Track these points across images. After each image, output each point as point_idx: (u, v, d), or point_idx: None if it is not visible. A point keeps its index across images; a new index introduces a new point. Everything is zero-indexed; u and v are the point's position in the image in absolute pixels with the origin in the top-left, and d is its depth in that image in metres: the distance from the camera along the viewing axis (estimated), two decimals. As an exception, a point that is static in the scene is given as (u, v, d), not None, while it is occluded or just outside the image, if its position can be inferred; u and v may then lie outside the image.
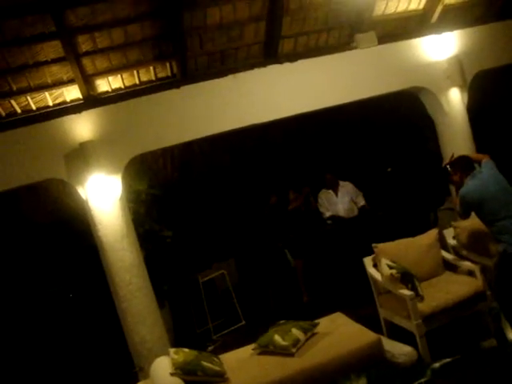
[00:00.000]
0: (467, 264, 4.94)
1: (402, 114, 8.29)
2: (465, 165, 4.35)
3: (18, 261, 7.04)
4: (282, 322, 4.57)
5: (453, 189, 5.04)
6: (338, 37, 6.52)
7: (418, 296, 4.56)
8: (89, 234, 5.55)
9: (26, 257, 7.10)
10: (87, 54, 5.42)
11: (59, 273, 7.18)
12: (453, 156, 4.62)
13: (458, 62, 6.55)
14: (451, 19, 6.74)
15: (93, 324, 6.61)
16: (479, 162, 4.38)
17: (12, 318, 6.67)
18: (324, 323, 4.53)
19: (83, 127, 5.40)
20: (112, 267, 5.42)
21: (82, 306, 6.98)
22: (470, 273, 4.87)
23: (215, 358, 4.24)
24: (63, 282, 7.19)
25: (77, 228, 6.27)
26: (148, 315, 5.50)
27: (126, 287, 5.43)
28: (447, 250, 5.33)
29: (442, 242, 5.35)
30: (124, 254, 5.40)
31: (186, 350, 4.21)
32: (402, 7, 6.58)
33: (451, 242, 5.36)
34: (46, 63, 5.32)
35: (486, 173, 4.23)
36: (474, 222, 4.73)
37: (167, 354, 4.25)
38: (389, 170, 8.76)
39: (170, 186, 7.58)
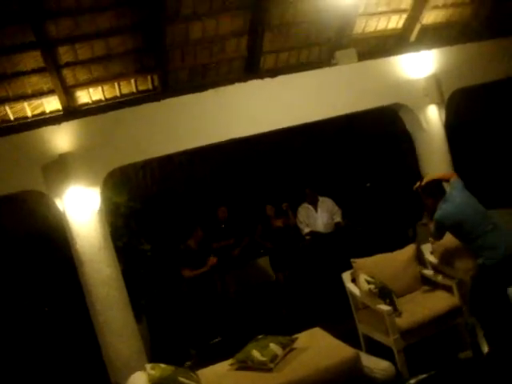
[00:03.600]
0: (444, 279, 4.99)
1: (381, 130, 8.40)
2: (435, 189, 4.39)
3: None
4: (260, 336, 4.53)
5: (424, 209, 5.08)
6: (318, 53, 6.63)
7: (396, 311, 4.58)
8: (66, 246, 5.46)
9: (2, 269, 6.96)
10: (68, 65, 5.42)
11: (35, 285, 7.04)
12: (422, 180, 4.62)
13: (436, 80, 6.67)
14: (429, 38, 6.91)
15: (68, 338, 6.49)
16: (447, 181, 4.45)
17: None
18: (302, 338, 4.51)
19: (62, 138, 5.33)
20: (89, 280, 5.34)
21: (57, 319, 6.85)
22: (447, 288, 4.91)
23: (192, 374, 4.18)
24: (39, 295, 7.05)
25: (54, 240, 6.17)
26: (125, 329, 5.42)
27: (103, 300, 5.34)
28: (425, 265, 5.37)
29: (420, 257, 5.39)
30: (101, 267, 5.32)
31: (163, 365, 4.15)
32: (381, 26, 6.72)
33: (429, 257, 5.40)
34: (26, 73, 5.30)
35: (458, 194, 4.28)
36: (450, 237, 4.78)
37: (144, 369, 4.18)
38: (368, 185, 8.84)
39: (149, 198, 7.53)
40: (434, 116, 6.76)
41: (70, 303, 6.52)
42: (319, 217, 7.17)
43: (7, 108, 5.44)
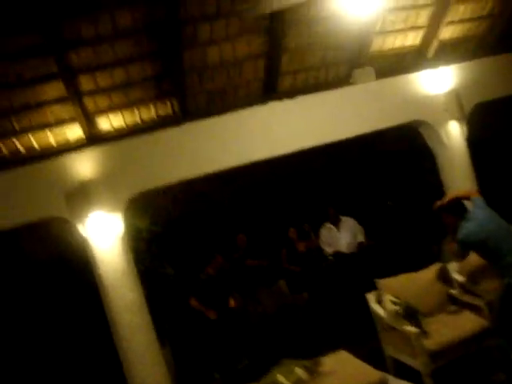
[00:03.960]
0: (472, 298, 4.87)
1: (402, 147, 8.33)
2: (456, 207, 4.31)
3: (19, 299, 6.97)
4: (284, 360, 4.48)
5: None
6: (336, 73, 6.62)
7: (423, 333, 4.48)
8: (89, 272, 5.51)
9: (26, 295, 7.03)
10: (89, 93, 5.51)
11: (59, 311, 7.10)
12: (442, 199, 4.55)
13: (456, 95, 6.62)
14: (447, 54, 6.86)
15: (93, 363, 6.49)
16: (469, 198, 4.37)
17: (12, 356, 6.57)
18: (327, 361, 4.43)
19: (85, 165, 5.42)
20: (112, 306, 5.36)
21: (81, 344, 6.87)
22: (476, 307, 4.79)
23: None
24: (63, 321, 7.10)
25: (77, 266, 6.23)
26: (149, 354, 5.42)
27: (127, 326, 5.36)
28: (451, 284, 5.26)
29: (446, 276, 5.29)
30: (124, 293, 5.35)
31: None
32: (398, 43, 6.71)
33: (455, 275, 5.29)
34: (49, 103, 5.40)
35: (480, 212, 4.20)
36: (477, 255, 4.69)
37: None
38: (389, 203, 8.74)
39: (171, 222, 7.56)
40: (455, 131, 6.70)
41: (94, 329, 6.55)
42: (342, 237, 7.11)
43: (31, 137, 5.54)
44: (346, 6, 4.83)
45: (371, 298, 5.09)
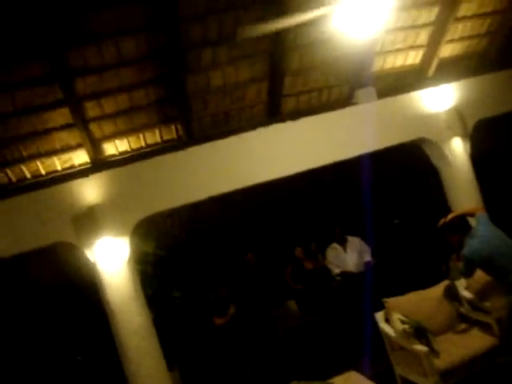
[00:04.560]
0: (482, 316, 4.83)
1: (407, 165, 8.35)
2: (460, 225, 4.30)
3: (27, 324, 6.97)
4: (294, 382, 4.43)
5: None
6: (338, 93, 6.70)
7: (434, 351, 4.44)
8: (97, 296, 5.51)
9: (34, 320, 7.03)
10: (94, 119, 5.60)
11: (68, 335, 7.08)
12: (446, 217, 4.53)
13: (458, 112, 6.66)
14: (447, 72, 6.92)
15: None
16: (472, 215, 4.36)
17: (21, 381, 6.54)
18: (338, 382, 4.39)
19: (91, 190, 5.46)
20: (120, 330, 5.35)
21: (90, 369, 6.84)
22: (486, 325, 4.74)
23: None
24: (71, 345, 7.08)
25: (85, 291, 6.23)
26: (157, 378, 5.39)
27: (135, 350, 5.34)
28: (460, 302, 5.22)
29: (455, 294, 5.25)
30: (132, 317, 5.34)
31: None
32: (399, 62, 6.79)
33: (464, 293, 5.25)
34: (55, 129, 5.49)
35: (484, 229, 4.17)
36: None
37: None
38: (396, 221, 8.72)
39: (177, 245, 7.57)
40: (458, 148, 6.71)
41: (102, 353, 6.52)
42: (349, 257, 7.08)
43: (38, 163, 5.62)
44: (347, 28, 4.90)
45: (380, 317, 5.05)
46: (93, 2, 4.69)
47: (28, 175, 5.63)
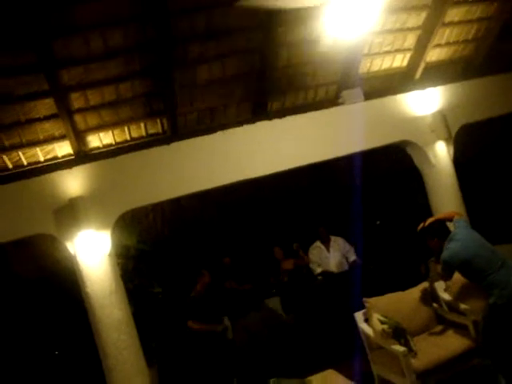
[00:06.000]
0: (459, 317, 4.89)
1: (390, 167, 8.41)
2: (439, 229, 4.39)
3: (5, 316, 6.88)
4: (272, 380, 4.45)
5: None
6: (325, 93, 6.72)
7: (411, 352, 4.48)
8: (77, 289, 5.46)
9: (12, 312, 6.95)
10: (79, 110, 5.54)
11: (46, 329, 7.01)
12: (425, 222, 4.58)
13: (442, 116, 6.72)
14: (434, 76, 6.98)
15: (78, 382, 6.40)
16: (451, 220, 4.43)
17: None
18: (316, 381, 4.42)
19: (74, 182, 5.41)
20: (99, 324, 5.32)
21: (68, 363, 6.78)
22: (463, 326, 4.81)
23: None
24: (49, 339, 7.01)
25: (65, 283, 6.18)
26: (135, 374, 5.36)
27: (114, 344, 5.30)
28: (439, 303, 5.29)
29: (434, 295, 5.31)
30: (112, 311, 5.30)
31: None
32: (386, 64, 6.83)
33: (442, 294, 5.32)
34: (39, 120, 5.42)
35: (462, 232, 4.24)
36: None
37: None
38: (378, 222, 8.78)
39: (159, 240, 7.54)
40: (442, 152, 6.78)
41: (80, 347, 6.47)
42: (331, 256, 7.12)
43: (20, 153, 5.54)
44: (335, 29, 4.92)
45: (359, 317, 5.09)
46: (81, -8, 4.64)
47: (9, 165, 5.56)
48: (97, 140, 5.80)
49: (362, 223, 7.90)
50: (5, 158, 5.49)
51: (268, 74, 6.10)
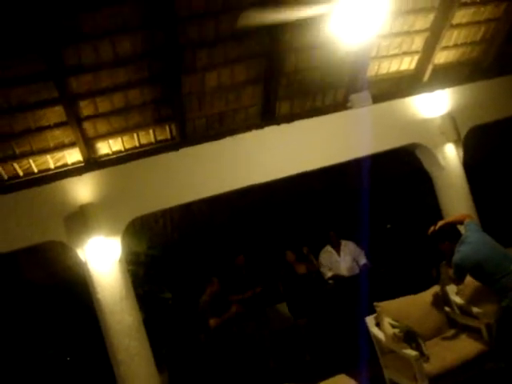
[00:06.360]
0: (472, 321, 4.85)
1: (400, 170, 8.38)
2: (450, 233, 4.35)
3: (16, 323, 6.92)
4: (284, 385, 4.44)
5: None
6: (333, 97, 6.71)
7: (424, 356, 4.45)
8: (88, 296, 5.48)
9: (24, 319, 6.98)
10: (88, 118, 5.57)
11: (57, 335, 7.04)
12: (436, 225, 4.55)
13: (451, 118, 6.68)
14: (442, 78, 6.96)
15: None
16: (461, 223, 4.40)
17: (10, 381, 6.49)
18: (328, 386, 4.40)
19: (84, 189, 5.43)
20: (110, 330, 5.32)
21: (79, 369, 6.80)
22: (476, 330, 4.77)
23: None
24: (61, 345, 7.03)
25: (76, 290, 6.20)
26: (146, 380, 5.35)
27: (125, 351, 5.30)
28: (450, 307, 5.25)
29: (445, 299, 5.27)
30: (123, 317, 5.30)
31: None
32: (394, 67, 6.82)
33: (454, 298, 5.28)
34: (49, 127, 5.47)
35: (474, 235, 4.21)
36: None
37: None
38: (388, 226, 8.74)
39: (169, 246, 7.54)
40: (451, 154, 6.74)
41: (91, 353, 6.48)
42: (342, 260, 7.09)
43: (31, 161, 5.59)
44: (343, 33, 4.92)
45: (371, 321, 5.06)
46: (90, 1, 4.68)
47: (20, 173, 5.60)
48: (106, 147, 5.83)
49: (372, 227, 7.89)
50: (16, 165, 5.54)
51: (276, 79, 6.11)
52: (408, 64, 6.85)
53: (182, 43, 5.32)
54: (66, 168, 5.71)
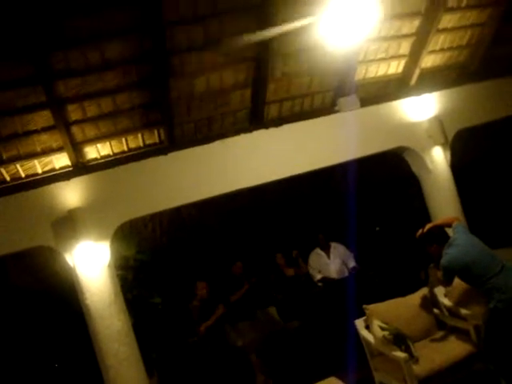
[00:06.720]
0: (461, 322, 4.89)
1: (388, 173, 8.44)
2: (438, 235, 4.39)
3: (4, 328, 6.86)
4: (274, 389, 4.45)
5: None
6: (321, 101, 6.73)
7: (413, 358, 4.48)
8: (76, 301, 5.45)
9: (12, 324, 6.92)
10: (76, 122, 5.53)
11: (45, 341, 6.98)
12: (424, 228, 4.59)
13: (439, 121, 6.76)
14: (429, 82, 7.02)
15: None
16: (450, 225, 4.44)
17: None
18: (318, 389, 4.41)
19: (72, 194, 5.42)
20: (99, 335, 5.30)
21: (68, 375, 6.75)
22: (465, 331, 4.81)
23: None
24: (49, 351, 6.98)
25: (64, 295, 6.16)
26: (136, 385, 5.33)
27: (114, 356, 5.28)
28: (439, 308, 5.28)
29: (434, 301, 5.31)
30: (112, 322, 5.29)
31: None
32: (381, 71, 6.86)
33: (443, 299, 5.32)
34: (36, 132, 5.41)
35: (462, 238, 4.25)
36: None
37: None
38: (377, 229, 8.79)
39: (159, 250, 7.52)
40: (439, 157, 6.81)
41: (80, 359, 6.44)
42: (331, 263, 7.12)
43: (18, 166, 5.53)
44: (331, 37, 4.96)
45: (360, 324, 5.09)
46: (78, 5, 4.66)
47: (7, 178, 5.54)
48: (94, 151, 5.79)
49: (361, 229, 7.93)
50: (2, 170, 5.48)
51: (264, 83, 6.12)
52: (395, 68, 6.90)
53: (170, 48, 5.31)
54: (53, 173, 5.66)
